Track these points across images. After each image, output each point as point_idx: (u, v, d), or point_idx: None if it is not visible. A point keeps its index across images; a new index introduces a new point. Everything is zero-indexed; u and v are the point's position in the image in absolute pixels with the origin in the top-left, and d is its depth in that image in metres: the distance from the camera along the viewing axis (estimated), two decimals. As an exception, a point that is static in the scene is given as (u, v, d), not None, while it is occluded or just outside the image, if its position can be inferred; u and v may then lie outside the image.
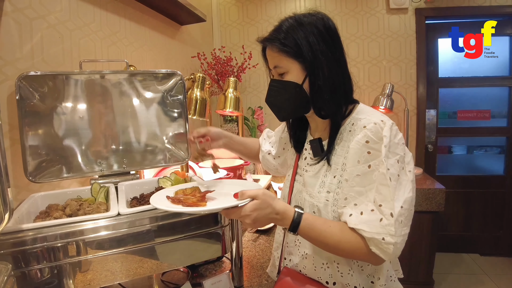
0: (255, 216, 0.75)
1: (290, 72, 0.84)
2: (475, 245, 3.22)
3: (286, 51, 0.83)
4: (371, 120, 0.80)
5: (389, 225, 0.72)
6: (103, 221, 0.82)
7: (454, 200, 3.13)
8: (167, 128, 1.26)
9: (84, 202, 1.00)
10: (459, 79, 3.08)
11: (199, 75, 1.53)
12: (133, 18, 1.77)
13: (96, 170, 1.16)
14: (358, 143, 0.79)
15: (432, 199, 2.32)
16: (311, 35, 0.81)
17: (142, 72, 1.22)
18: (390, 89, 2.73)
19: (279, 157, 1.16)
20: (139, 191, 1.13)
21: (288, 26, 0.84)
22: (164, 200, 0.82)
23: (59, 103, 1.10)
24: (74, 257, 0.79)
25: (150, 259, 0.87)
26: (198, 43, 2.69)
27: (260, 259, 1.23)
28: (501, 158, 3.17)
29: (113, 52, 1.60)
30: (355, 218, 0.76)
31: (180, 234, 0.88)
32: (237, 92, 1.89)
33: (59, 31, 1.28)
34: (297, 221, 0.78)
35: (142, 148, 1.24)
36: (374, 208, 0.75)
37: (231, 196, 0.80)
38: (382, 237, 0.72)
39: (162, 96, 1.24)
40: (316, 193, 0.86)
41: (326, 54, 0.82)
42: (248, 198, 0.76)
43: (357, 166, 0.78)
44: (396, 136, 0.79)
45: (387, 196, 0.73)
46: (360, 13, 2.96)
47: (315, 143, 0.91)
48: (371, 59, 3.00)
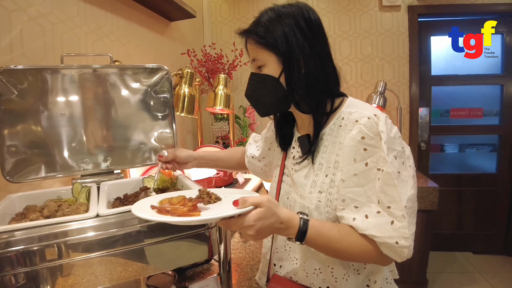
0: (259, 226, 0.67)
1: (267, 65, 0.81)
2: (468, 244, 3.23)
3: (262, 43, 0.80)
4: (364, 114, 0.76)
5: (402, 228, 0.68)
6: (81, 222, 0.77)
7: (446, 198, 3.12)
8: (153, 125, 1.21)
9: (64, 203, 0.95)
10: (452, 77, 3.08)
11: (187, 71, 1.48)
12: (120, 13, 1.72)
13: (78, 169, 1.11)
14: (353, 139, 0.74)
15: (426, 197, 2.30)
16: (287, 26, 0.78)
17: (126, 66, 1.17)
18: (382, 87, 2.71)
19: (264, 158, 1.10)
20: (123, 191, 1.08)
21: (267, 18, 0.81)
22: (148, 210, 0.73)
23: (39, 98, 1.04)
24: (51, 261, 0.74)
25: (133, 261, 0.83)
26: (188, 40, 2.64)
27: (250, 261, 1.19)
28: (493, 156, 3.18)
29: (98, 47, 1.55)
30: (361, 222, 0.71)
31: (164, 236, 0.83)
32: (227, 89, 1.84)
33: (41, 25, 1.24)
34: (303, 230, 0.71)
35: (127, 146, 1.19)
36: (381, 210, 0.71)
37: (226, 205, 0.71)
38: (396, 241, 0.68)
39: (147, 92, 1.19)
40: (307, 194, 0.81)
41: (303, 46, 0.78)
42: (250, 206, 0.67)
43: (353, 165, 0.73)
44: (392, 130, 0.75)
45: (395, 196, 0.69)
46: (353, 10, 2.94)
47: (304, 140, 0.86)
48: (363, 56, 2.98)
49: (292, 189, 0.87)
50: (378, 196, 0.71)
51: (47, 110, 1.05)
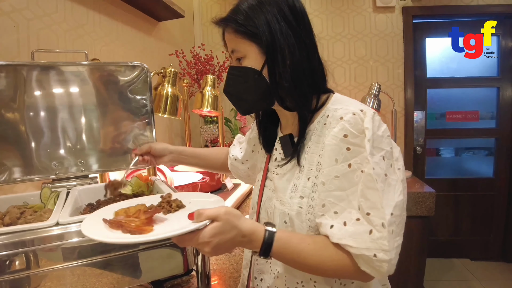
0: (216, 242, 0.60)
1: (248, 57, 0.74)
2: (465, 250, 3.17)
3: (242, 32, 0.72)
4: (349, 109, 0.68)
5: (381, 238, 0.60)
6: (39, 231, 0.70)
7: (443, 203, 3.06)
8: (131, 127, 1.13)
9: (28, 210, 0.87)
10: (448, 79, 3.04)
11: (170, 70, 1.41)
12: (103, 11, 1.66)
13: (50, 173, 1.04)
14: (335, 137, 0.66)
15: (422, 203, 2.24)
16: (270, 14, 0.71)
17: (102, 64, 1.10)
18: (377, 89, 2.66)
19: (247, 160, 1.02)
20: (96, 196, 1.00)
21: (247, 5, 0.73)
22: (100, 224, 0.66)
23: (10, 97, 0.97)
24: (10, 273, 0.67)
25: (100, 275, 0.75)
26: (177, 41, 2.58)
27: (234, 273, 1.12)
28: (489, 160, 3.13)
29: (78, 46, 1.48)
30: (337, 230, 0.63)
31: (131, 248, 0.76)
32: (215, 91, 1.78)
33: (14, 20, 1.17)
34: (268, 242, 0.63)
35: (103, 149, 1.11)
36: (360, 217, 0.62)
37: (185, 216, 0.64)
38: (374, 254, 0.60)
39: (125, 91, 1.11)
40: (288, 199, 0.74)
41: (287, 35, 0.71)
42: (206, 220, 0.60)
43: (335, 166, 0.66)
44: (380, 128, 0.67)
45: (376, 202, 0.61)
46: (346, 11, 2.90)
47: (285, 140, 0.79)
48: (357, 58, 2.93)
49: (273, 194, 0.80)
50: (359, 201, 0.63)
51: (16, 110, 0.98)
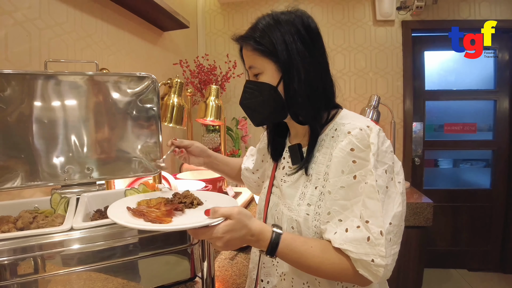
0: (227, 238, 0.66)
1: (265, 73, 0.78)
2: (463, 260, 3.18)
3: (260, 50, 0.77)
4: (356, 125, 0.74)
5: (379, 245, 0.64)
6: (54, 236, 0.73)
7: (441, 214, 3.09)
8: (138, 135, 1.17)
9: (40, 214, 0.90)
10: (446, 92, 3.09)
11: (177, 80, 1.45)
12: (110, 21, 1.70)
13: (59, 179, 1.06)
14: (342, 151, 0.72)
15: (420, 213, 2.26)
16: (288, 34, 0.76)
17: (112, 74, 1.13)
18: (376, 101, 2.70)
19: (257, 170, 1.08)
20: (104, 203, 1.03)
21: (265, 24, 0.78)
22: (124, 212, 0.72)
23: (21, 105, 1.00)
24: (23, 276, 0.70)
25: (108, 280, 0.78)
26: (181, 51, 2.62)
27: (237, 279, 1.14)
28: (487, 172, 3.16)
29: (87, 55, 1.52)
30: (339, 236, 0.68)
31: (142, 252, 0.79)
32: (219, 100, 1.81)
33: (27, 29, 1.20)
34: (275, 243, 0.69)
35: (111, 157, 1.14)
36: (360, 224, 0.67)
37: (201, 212, 0.70)
38: (371, 259, 0.64)
39: (134, 102, 1.15)
40: (296, 206, 0.78)
41: (303, 54, 0.76)
42: (220, 217, 0.67)
43: (341, 177, 0.71)
44: (384, 143, 0.73)
45: (375, 211, 0.66)
46: (347, 24, 2.95)
47: (294, 149, 0.84)
48: (357, 70, 2.98)
49: (280, 201, 0.85)
50: (361, 210, 0.68)
51: (28, 117, 1.01)
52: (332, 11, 2.96)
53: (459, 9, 2.88)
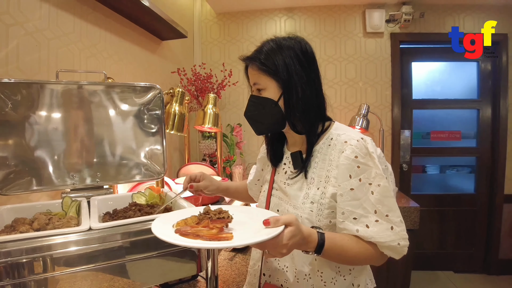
0: (291, 244, 0.70)
1: (268, 89, 0.90)
2: (449, 263, 3.29)
3: (264, 70, 0.89)
4: (352, 136, 0.86)
5: (402, 231, 0.80)
6: (74, 235, 0.79)
7: (428, 218, 3.21)
8: (143, 142, 1.23)
9: (54, 216, 0.95)
10: (432, 101, 3.22)
11: (178, 90, 1.52)
12: (114, 31, 1.76)
13: (68, 183, 1.12)
14: (348, 158, 0.83)
15: (407, 217, 2.35)
16: (288, 57, 0.88)
17: (120, 84, 1.20)
18: (366, 110, 2.80)
19: (258, 180, 1.18)
20: (112, 206, 1.09)
21: (269, 47, 0.91)
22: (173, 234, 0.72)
23: (32, 112, 1.05)
24: (41, 274, 0.75)
25: (122, 276, 0.83)
26: (178, 59, 2.69)
27: (236, 278, 1.21)
28: (471, 177, 3.29)
29: (91, 63, 1.57)
30: (364, 232, 0.80)
31: (154, 251, 0.85)
32: (216, 109, 1.89)
33: (37, 39, 1.26)
34: (321, 242, 0.76)
35: (117, 162, 1.20)
36: (378, 218, 0.80)
37: (247, 224, 0.77)
38: (398, 243, 0.79)
39: (140, 110, 1.22)
40: (300, 204, 0.89)
41: (301, 75, 0.88)
42: (283, 225, 0.70)
43: (350, 181, 0.82)
44: (377, 150, 0.88)
45: (391, 206, 0.81)
46: (338, 36, 3.07)
47: (296, 156, 0.95)
48: (347, 80, 3.09)
49: (282, 201, 0.95)
50: (375, 207, 0.80)
51: (39, 124, 1.07)
52: (324, 23, 3.07)
53: (444, 23, 3.02)
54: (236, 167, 2.58)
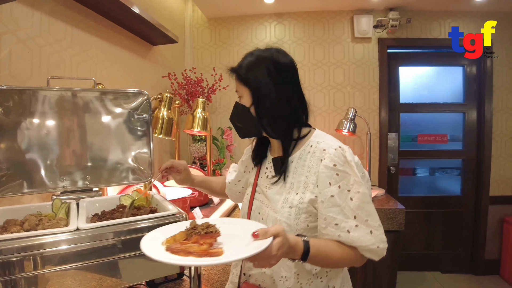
0: (279, 255, 0.72)
1: (243, 97, 0.98)
2: (436, 263, 3.35)
3: (240, 79, 0.98)
4: (331, 145, 0.91)
5: (381, 234, 0.85)
6: (62, 235, 0.83)
7: (416, 219, 3.28)
8: (131, 146, 1.27)
9: (44, 218, 0.99)
10: (419, 104, 3.29)
11: (167, 95, 1.57)
12: (105, 37, 1.80)
13: (58, 186, 1.15)
14: (327, 167, 0.88)
15: (393, 218, 2.41)
16: (260, 69, 0.94)
17: (109, 91, 1.24)
18: (353, 114, 2.87)
19: (239, 181, 1.22)
20: (100, 208, 1.13)
21: (246, 59, 0.98)
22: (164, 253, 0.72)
23: (24, 118, 1.09)
24: (30, 272, 0.79)
25: (109, 274, 0.88)
26: (169, 64, 2.73)
27: (221, 277, 1.25)
28: (458, 179, 3.37)
29: (83, 69, 1.61)
30: (345, 237, 0.84)
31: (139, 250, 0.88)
32: (205, 113, 1.94)
33: (28, 47, 1.30)
34: (307, 250, 0.79)
35: (106, 165, 1.24)
36: (358, 223, 0.84)
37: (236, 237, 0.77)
38: (377, 246, 0.84)
39: (128, 115, 1.26)
40: (280, 208, 0.93)
41: (268, 85, 0.93)
42: (271, 237, 0.71)
43: (330, 188, 0.86)
44: (355, 158, 0.92)
45: (370, 211, 0.85)
46: (327, 41, 3.13)
47: (277, 161, 1.00)
48: (336, 84, 3.14)
49: (263, 204, 1.00)
50: (355, 213, 0.84)
51: (30, 129, 1.10)
52: (313, 29, 3.14)
53: (430, 28, 3.10)
54: (226, 170, 2.63)
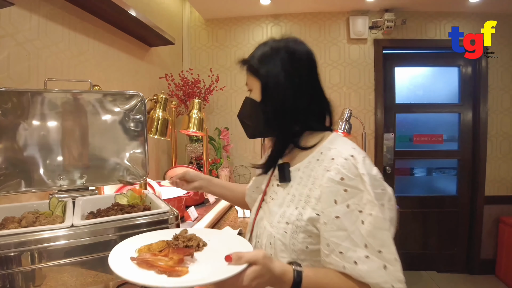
0: (254, 285, 0.62)
1: (253, 90, 0.88)
2: (432, 263, 3.38)
3: (251, 70, 0.87)
4: (341, 153, 0.76)
5: (396, 271, 0.68)
6: (57, 231, 0.86)
7: (412, 219, 3.31)
8: (127, 146, 1.30)
9: (41, 215, 1.02)
10: (415, 105, 3.31)
11: (162, 96, 1.60)
12: (102, 39, 1.83)
13: (55, 185, 1.19)
14: (332, 180, 0.73)
15: (387, 217, 2.44)
16: (273, 59, 0.83)
17: (105, 92, 1.27)
18: (348, 114, 2.90)
19: (257, 187, 1.09)
20: (96, 206, 1.15)
21: (261, 49, 0.88)
22: (128, 263, 0.66)
23: (22, 119, 1.12)
24: (27, 266, 0.81)
25: (103, 270, 0.90)
26: (167, 65, 2.76)
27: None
28: (453, 180, 3.39)
29: (80, 71, 1.64)
30: (352, 270, 0.69)
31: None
32: (201, 113, 1.97)
33: (27, 49, 1.32)
34: (298, 281, 0.67)
35: (102, 165, 1.27)
36: (369, 254, 0.68)
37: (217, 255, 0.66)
38: (391, 285, 0.67)
39: (124, 116, 1.29)
40: (276, 223, 0.81)
41: (280, 77, 0.82)
42: (245, 264, 0.62)
43: (334, 207, 0.71)
44: (372, 170, 0.74)
45: (385, 240, 0.68)
46: (323, 42, 3.16)
47: (282, 167, 0.87)
48: (332, 85, 3.18)
49: (265, 216, 0.89)
50: (366, 240, 0.68)
51: (28, 130, 1.13)
52: (309, 30, 3.17)
53: (426, 29, 3.13)
54: (223, 170, 2.66)
